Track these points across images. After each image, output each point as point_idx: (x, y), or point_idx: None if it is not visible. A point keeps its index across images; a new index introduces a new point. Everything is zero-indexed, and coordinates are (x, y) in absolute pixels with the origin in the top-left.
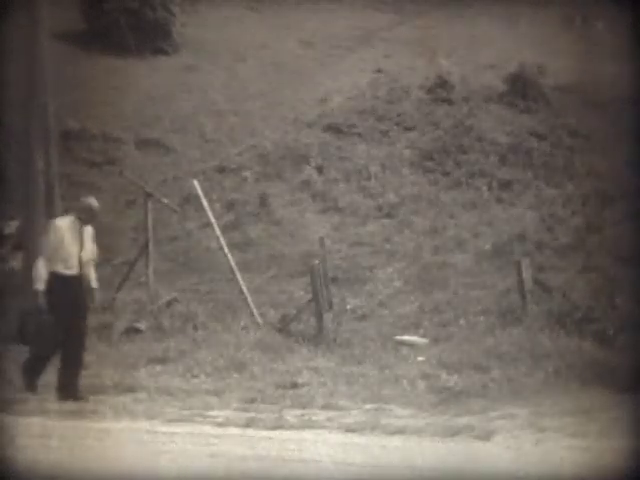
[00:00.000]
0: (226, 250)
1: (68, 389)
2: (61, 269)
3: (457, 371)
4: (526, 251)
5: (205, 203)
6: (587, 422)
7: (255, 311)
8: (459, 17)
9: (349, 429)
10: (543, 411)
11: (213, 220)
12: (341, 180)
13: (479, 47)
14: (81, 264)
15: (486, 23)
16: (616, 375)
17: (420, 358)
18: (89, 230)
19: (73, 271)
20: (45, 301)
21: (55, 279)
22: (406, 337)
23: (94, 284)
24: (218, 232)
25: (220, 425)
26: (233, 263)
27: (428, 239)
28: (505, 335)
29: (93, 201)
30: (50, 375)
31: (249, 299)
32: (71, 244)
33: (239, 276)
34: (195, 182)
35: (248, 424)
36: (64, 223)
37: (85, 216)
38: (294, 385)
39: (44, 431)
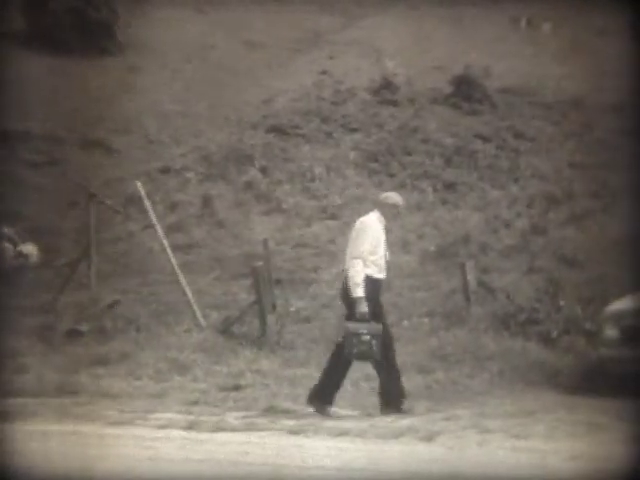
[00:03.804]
0: (169, 251)
1: (396, 400)
2: (374, 273)
3: (401, 372)
4: (471, 253)
5: (148, 204)
6: (531, 423)
7: (198, 313)
8: (405, 19)
9: (292, 431)
10: (487, 412)
11: (156, 221)
12: (285, 181)
13: (425, 49)
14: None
15: (432, 25)
16: (560, 376)
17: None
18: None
19: (383, 274)
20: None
21: (368, 284)
22: None
23: None
24: (161, 233)
25: (162, 428)
26: (176, 265)
27: None
28: (449, 336)
29: (399, 198)
30: None
31: (192, 301)
32: (383, 245)
33: (182, 278)
34: (138, 183)
35: (190, 426)
36: (375, 221)
37: (390, 214)
38: (237, 387)
39: None
